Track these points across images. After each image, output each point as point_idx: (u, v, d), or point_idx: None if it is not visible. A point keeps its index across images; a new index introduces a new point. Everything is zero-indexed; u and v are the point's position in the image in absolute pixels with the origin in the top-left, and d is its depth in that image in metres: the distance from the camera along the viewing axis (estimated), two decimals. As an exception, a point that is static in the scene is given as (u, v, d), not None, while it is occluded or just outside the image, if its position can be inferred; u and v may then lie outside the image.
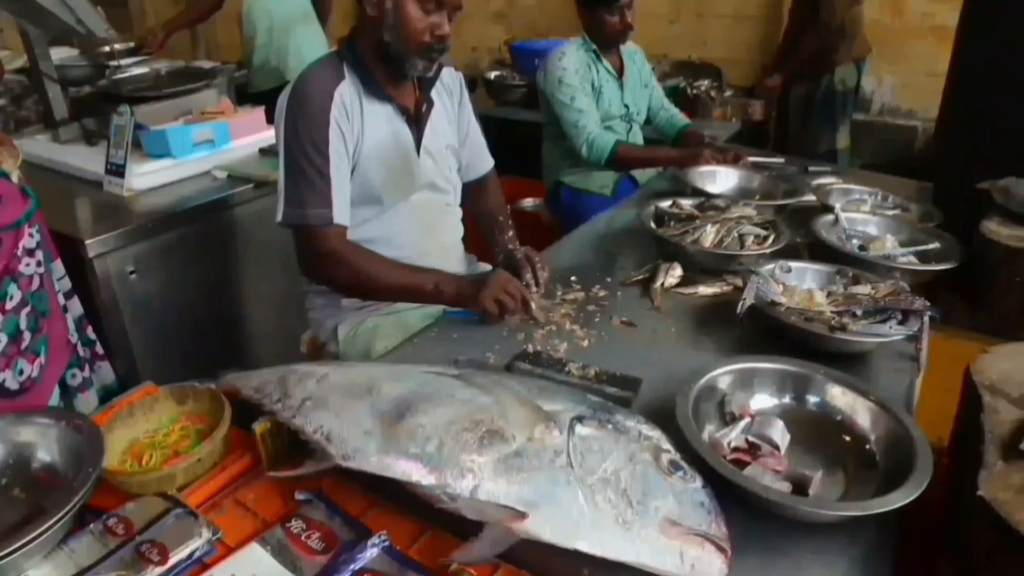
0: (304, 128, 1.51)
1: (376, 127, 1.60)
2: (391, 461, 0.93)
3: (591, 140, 2.54)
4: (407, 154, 1.67)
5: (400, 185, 1.67)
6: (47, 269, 1.51)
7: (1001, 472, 0.92)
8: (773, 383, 1.21)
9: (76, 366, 1.59)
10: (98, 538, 0.95)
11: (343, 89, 1.55)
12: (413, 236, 1.70)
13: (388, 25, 1.52)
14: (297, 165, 1.52)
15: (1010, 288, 1.66)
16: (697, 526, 0.87)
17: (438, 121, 1.73)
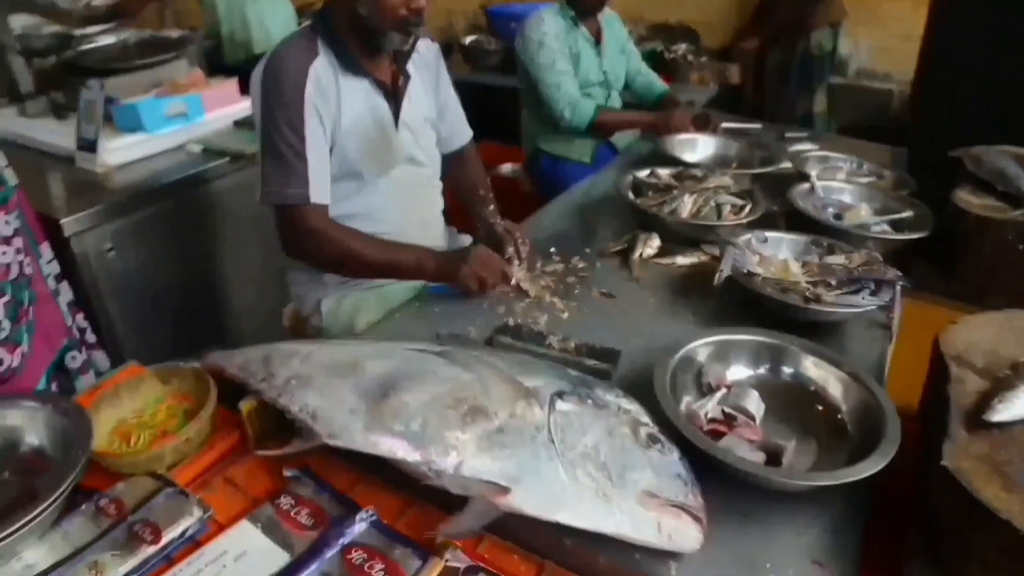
0: (279, 108, 1.49)
1: (353, 103, 1.59)
2: (377, 439, 0.95)
3: (573, 104, 2.54)
4: (386, 129, 1.66)
5: (380, 160, 1.66)
6: (33, 254, 1.50)
7: (964, 442, 0.95)
8: (749, 355, 1.24)
9: (74, 348, 1.58)
10: (91, 519, 0.97)
11: (318, 65, 1.53)
12: (394, 211, 1.70)
13: (365, 5, 1.50)
14: (274, 145, 1.51)
15: (979, 257, 1.69)
16: (674, 497, 0.90)
17: (416, 94, 1.72)
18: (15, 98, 2.42)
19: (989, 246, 1.68)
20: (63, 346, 1.59)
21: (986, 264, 1.69)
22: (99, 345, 1.69)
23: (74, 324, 1.64)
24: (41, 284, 1.53)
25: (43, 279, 1.54)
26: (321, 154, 1.55)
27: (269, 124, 1.52)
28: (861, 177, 2.22)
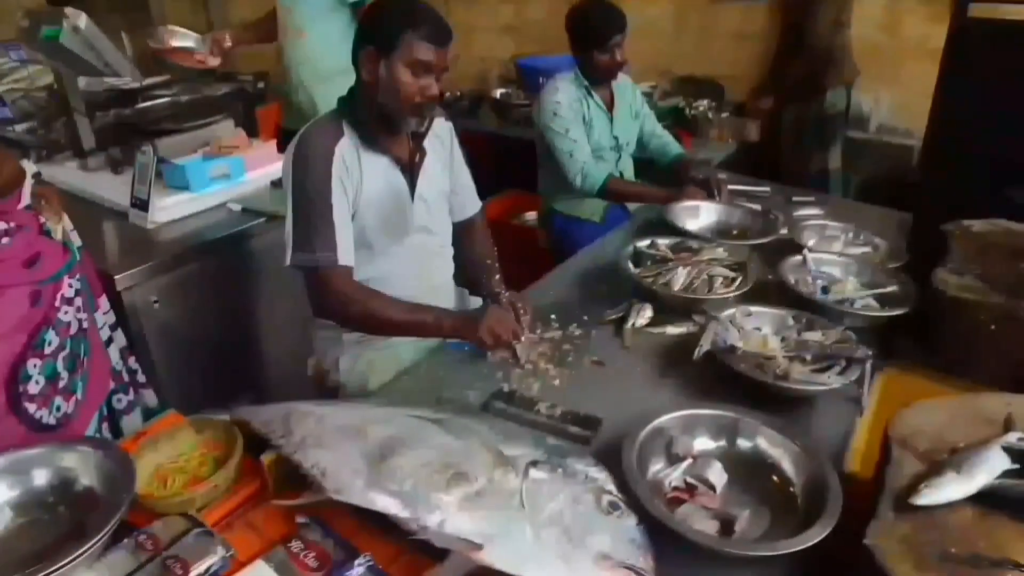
0: (309, 180, 1.68)
1: (374, 178, 1.77)
2: (375, 496, 1.11)
3: (584, 171, 2.69)
4: (402, 201, 1.83)
5: (395, 230, 1.84)
6: (90, 309, 1.70)
7: (890, 522, 1.07)
8: (714, 428, 1.38)
9: (122, 391, 1.79)
10: (131, 552, 1.13)
11: (343, 145, 1.71)
12: (407, 277, 1.87)
13: (382, 89, 1.68)
14: (304, 213, 1.69)
15: (956, 336, 1.78)
16: (626, 559, 1.04)
17: (431, 169, 1.89)
18: (78, 153, 2.67)
19: (964, 326, 1.76)
20: (111, 390, 1.78)
21: (962, 343, 1.78)
22: (148, 384, 1.89)
23: (124, 368, 1.83)
24: (96, 336, 1.73)
25: (97, 331, 1.74)
26: (346, 222, 1.73)
27: (299, 194, 1.70)
28: (856, 247, 2.34)
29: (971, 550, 1.02)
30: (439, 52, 1.67)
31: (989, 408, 1.33)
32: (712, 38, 4.74)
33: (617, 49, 2.69)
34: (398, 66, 1.65)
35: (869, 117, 4.48)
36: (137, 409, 1.86)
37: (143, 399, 1.89)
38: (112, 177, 2.60)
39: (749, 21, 4.56)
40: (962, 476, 1.11)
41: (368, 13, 1.74)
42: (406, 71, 1.65)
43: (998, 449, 1.16)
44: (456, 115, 4.51)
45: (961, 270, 1.90)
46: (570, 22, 2.77)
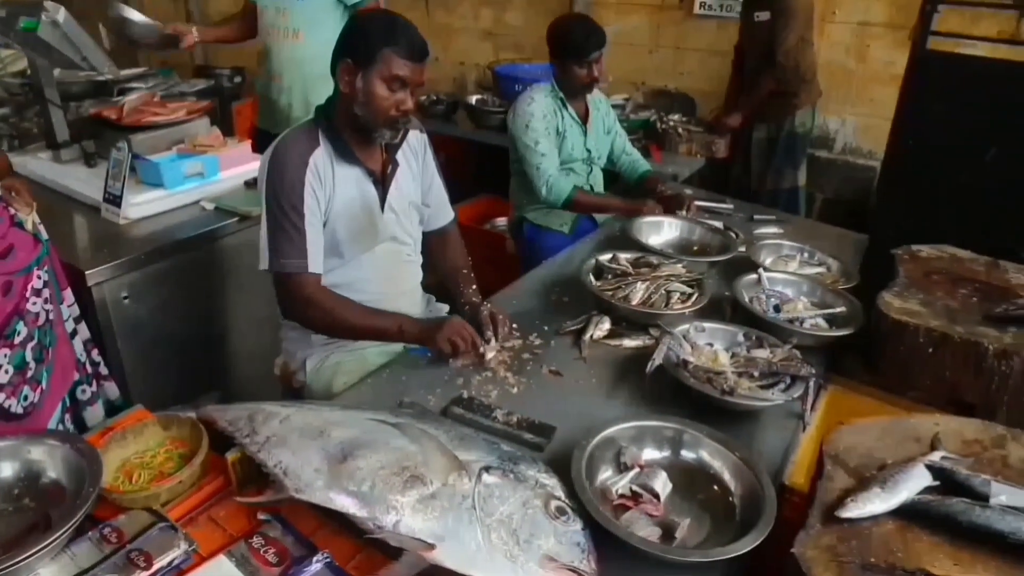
0: (283, 191, 1.73)
1: (346, 187, 1.82)
2: (334, 496, 1.17)
3: (550, 184, 2.76)
4: (372, 211, 1.89)
5: (365, 238, 1.89)
6: (56, 300, 1.74)
7: (817, 533, 1.15)
8: (662, 439, 1.46)
9: (85, 383, 1.82)
10: (95, 544, 1.18)
11: (317, 155, 1.77)
12: (375, 283, 1.93)
13: (359, 101, 1.74)
14: (277, 221, 1.75)
15: (895, 359, 1.87)
16: (570, 562, 1.11)
17: (403, 180, 1.95)
18: (51, 145, 2.68)
19: (904, 348, 1.86)
20: (75, 381, 1.82)
21: (901, 363, 1.87)
22: (111, 377, 1.92)
23: (88, 360, 1.86)
24: (61, 328, 1.76)
25: (63, 323, 1.78)
26: (317, 230, 1.78)
27: (273, 203, 1.75)
28: (811, 267, 2.44)
29: (889, 560, 1.11)
30: (415, 68, 1.72)
31: (919, 428, 1.41)
32: (686, 52, 4.85)
33: (595, 65, 2.76)
34: (375, 80, 1.71)
35: (835, 138, 4.62)
36: (100, 401, 1.89)
37: (105, 391, 1.92)
38: (85, 170, 2.62)
39: (723, 37, 4.66)
40: (886, 492, 1.19)
41: (348, 27, 1.79)
42: (382, 85, 1.71)
43: (922, 467, 1.24)
44: (432, 119, 4.61)
45: (905, 294, 2.00)
46: (552, 34, 2.82)
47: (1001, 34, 3.76)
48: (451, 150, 4.65)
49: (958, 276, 2.13)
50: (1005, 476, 1.27)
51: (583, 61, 2.74)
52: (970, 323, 1.82)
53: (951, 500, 1.18)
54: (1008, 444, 1.37)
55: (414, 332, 1.79)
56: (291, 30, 3.00)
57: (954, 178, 2.72)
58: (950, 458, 1.30)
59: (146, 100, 2.77)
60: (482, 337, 1.79)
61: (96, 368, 1.92)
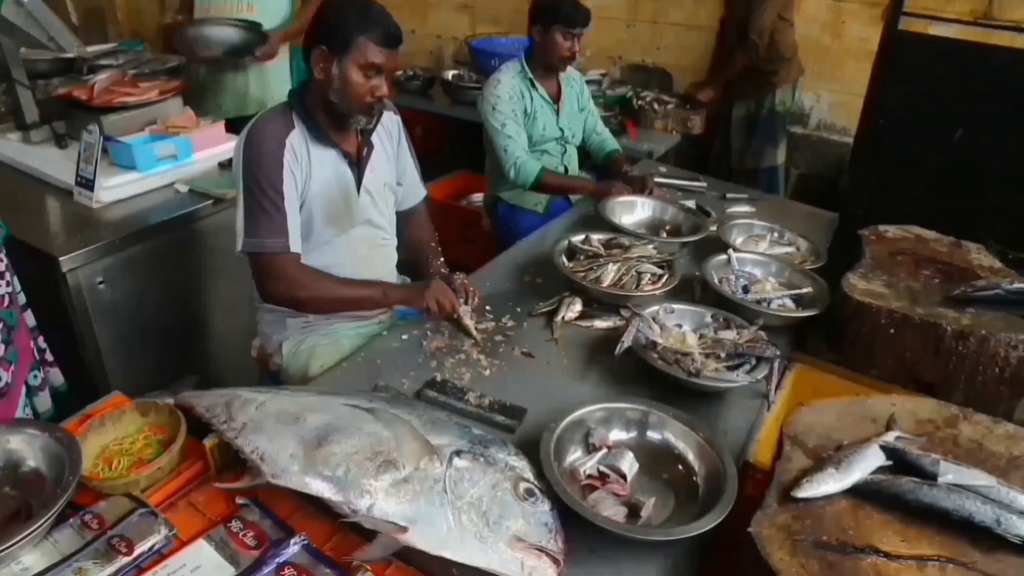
0: (261, 171, 1.74)
1: (322, 170, 1.84)
2: (309, 480, 1.21)
3: (518, 166, 2.77)
4: (348, 193, 1.91)
5: (341, 221, 1.91)
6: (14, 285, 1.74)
7: (773, 512, 1.20)
8: (628, 420, 1.50)
9: (37, 368, 1.83)
10: (77, 531, 1.21)
11: (293, 138, 1.78)
12: (350, 266, 1.94)
13: (334, 88, 1.75)
14: (256, 201, 1.75)
15: (857, 339, 1.93)
16: (538, 541, 1.15)
17: (378, 162, 1.97)
18: (20, 126, 2.64)
19: (866, 328, 1.91)
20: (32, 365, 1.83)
21: (864, 343, 1.93)
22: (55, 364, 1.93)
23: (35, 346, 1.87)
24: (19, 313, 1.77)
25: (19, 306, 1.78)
26: (295, 211, 1.80)
27: (252, 184, 1.75)
28: (780, 247, 2.49)
29: (841, 538, 1.16)
30: (390, 54, 1.74)
31: (876, 408, 1.47)
32: (664, 27, 4.85)
33: (578, 39, 2.77)
34: (350, 67, 1.72)
35: (810, 114, 4.66)
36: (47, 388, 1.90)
37: (50, 379, 1.94)
38: (57, 152, 2.59)
39: (700, 11, 4.67)
40: (840, 472, 1.25)
41: (321, 13, 1.79)
42: (358, 72, 1.72)
43: (876, 448, 1.30)
44: (408, 95, 4.59)
45: (870, 275, 2.05)
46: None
47: (974, 14, 3.81)
48: (427, 126, 4.65)
49: (922, 256, 2.19)
50: (955, 455, 1.33)
51: (569, 32, 2.74)
52: (930, 304, 1.88)
53: (901, 480, 1.23)
54: (960, 424, 1.43)
55: (399, 295, 1.88)
56: (244, 3, 2.97)
57: (923, 158, 2.75)
58: (904, 438, 1.35)
59: (117, 80, 2.73)
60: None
61: (43, 355, 1.93)
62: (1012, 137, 2.51)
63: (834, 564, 1.11)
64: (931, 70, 2.72)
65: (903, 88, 2.78)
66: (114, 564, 1.15)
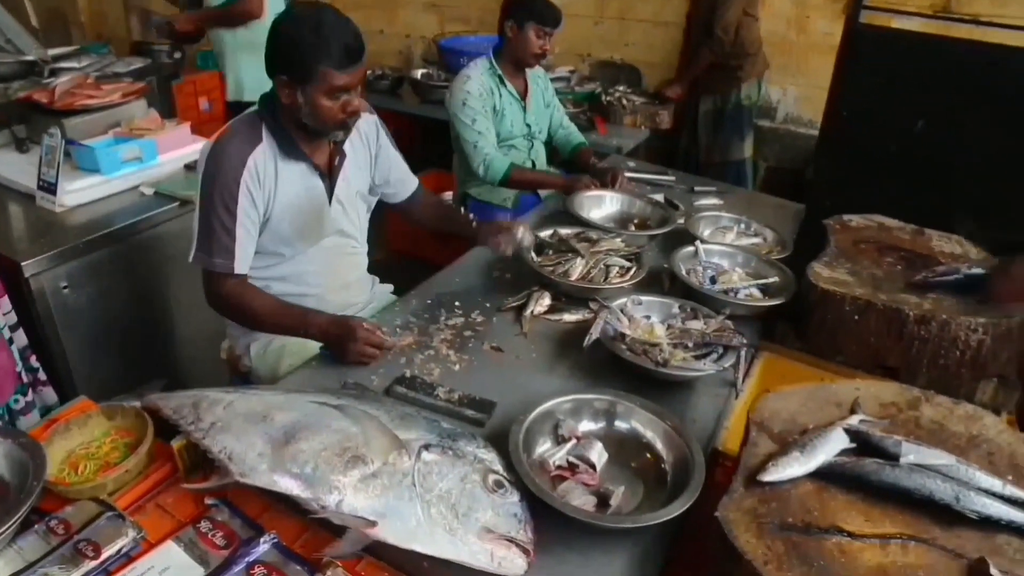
0: (217, 190, 1.70)
1: (290, 184, 1.80)
2: (278, 478, 1.20)
3: (487, 162, 2.77)
4: (318, 205, 1.88)
5: (311, 233, 1.89)
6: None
7: (739, 496, 1.22)
8: (597, 411, 1.51)
9: (20, 392, 1.80)
10: (42, 537, 1.20)
11: (258, 154, 1.73)
12: (319, 275, 1.93)
13: (303, 112, 1.70)
14: (208, 219, 1.72)
15: (822, 327, 1.96)
16: (507, 532, 1.16)
17: (351, 171, 1.93)
18: (-21, 130, 2.61)
19: (831, 315, 1.94)
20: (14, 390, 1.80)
21: (829, 330, 1.96)
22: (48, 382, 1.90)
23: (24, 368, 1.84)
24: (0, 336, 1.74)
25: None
26: (248, 231, 1.76)
27: (206, 199, 1.73)
28: (747, 238, 2.52)
29: (806, 520, 1.18)
30: (354, 72, 1.68)
31: (840, 393, 1.49)
32: (631, 23, 4.88)
33: (549, 38, 2.78)
34: (315, 95, 1.66)
35: (777, 108, 4.72)
36: (35, 410, 1.87)
37: (43, 397, 1.91)
38: (17, 156, 2.56)
39: (667, 8, 4.71)
40: (804, 455, 1.26)
41: (275, 39, 1.68)
42: (324, 98, 1.67)
43: (840, 431, 1.32)
44: (377, 94, 4.58)
45: (834, 264, 2.08)
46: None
47: (934, 7, 3.88)
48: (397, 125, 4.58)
49: (885, 244, 2.23)
50: (917, 436, 1.35)
51: (543, 30, 2.76)
52: (893, 290, 1.92)
53: (864, 461, 1.26)
54: (922, 406, 1.46)
55: (318, 336, 1.77)
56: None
57: (886, 149, 2.80)
58: (867, 421, 1.38)
59: (79, 82, 2.70)
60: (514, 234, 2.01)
61: (35, 375, 1.90)
62: (971, 127, 2.57)
63: (799, 545, 1.12)
64: (892, 62, 2.77)
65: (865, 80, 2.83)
66: (81, 568, 1.14)
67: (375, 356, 1.72)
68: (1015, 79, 2.47)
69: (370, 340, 1.71)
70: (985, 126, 2.53)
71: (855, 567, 1.09)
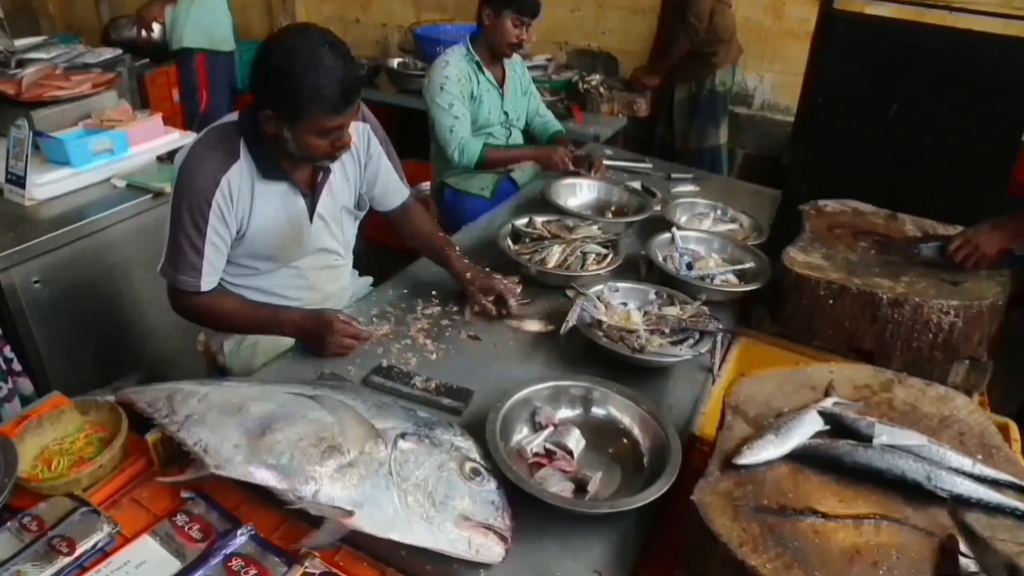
0: (186, 207, 1.63)
1: (267, 204, 1.72)
2: (253, 470, 1.20)
3: (462, 146, 2.76)
4: (299, 224, 1.80)
5: (290, 252, 1.83)
6: None
7: (715, 480, 1.23)
8: (574, 397, 1.52)
9: (1, 379, 1.78)
10: (15, 535, 1.19)
11: (233, 172, 1.64)
12: (298, 290, 1.90)
13: (289, 145, 1.61)
14: (176, 235, 1.66)
15: (798, 311, 1.97)
16: (484, 520, 1.16)
17: (336, 185, 1.85)
18: (-57, 123, 2.55)
19: (806, 300, 1.96)
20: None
21: (804, 315, 1.97)
22: (24, 373, 1.88)
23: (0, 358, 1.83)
24: None
25: None
26: (218, 247, 1.69)
27: (176, 216, 1.65)
28: (723, 224, 2.53)
29: (780, 502, 1.19)
30: (348, 113, 1.59)
31: (815, 376, 1.50)
32: (608, 10, 4.87)
33: (527, 28, 2.76)
34: (304, 134, 1.58)
35: (754, 95, 4.73)
36: (16, 398, 1.85)
37: (19, 388, 1.89)
38: (-16, 150, 2.51)
39: (641, -3, 4.71)
40: (779, 439, 1.27)
41: (264, 70, 1.56)
42: (314, 137, 1.59)
43: (814, 414, 1.33)
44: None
45: (809, 248, 2.10)
46: None
47: (907, -9, 3.89)
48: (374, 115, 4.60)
49: (859, 229, 2.25)
50: (890, 417, 1.37)
51: (520, 19, 2.74)
52: (867, 274, 1.93)
53: (838, 443, 1.27)
54: (895, 388, 1.47)
55: (292, 333, 1.74)
56: None
57: (860, 134, 2.83)
58: (841, 403, 1.39)
59: (47, 73, 2.65)
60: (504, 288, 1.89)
61: (9, 365, 1.88)
62: (944, 112, 2.60)
63: (774, 527, 1.13)
64: (866, 48, 2.79)
65: (840, 66, 2.85)
66: (55, 565, 1.14)
67: (352, 347, 1.71)
68: (986, 65, 2.50)
69: (347, 332, 1.69)
70: (956, 110, 2.56)
71: (829, 547, 1.10)
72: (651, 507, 1.29)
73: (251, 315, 1.76)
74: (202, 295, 1.72)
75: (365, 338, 1.73)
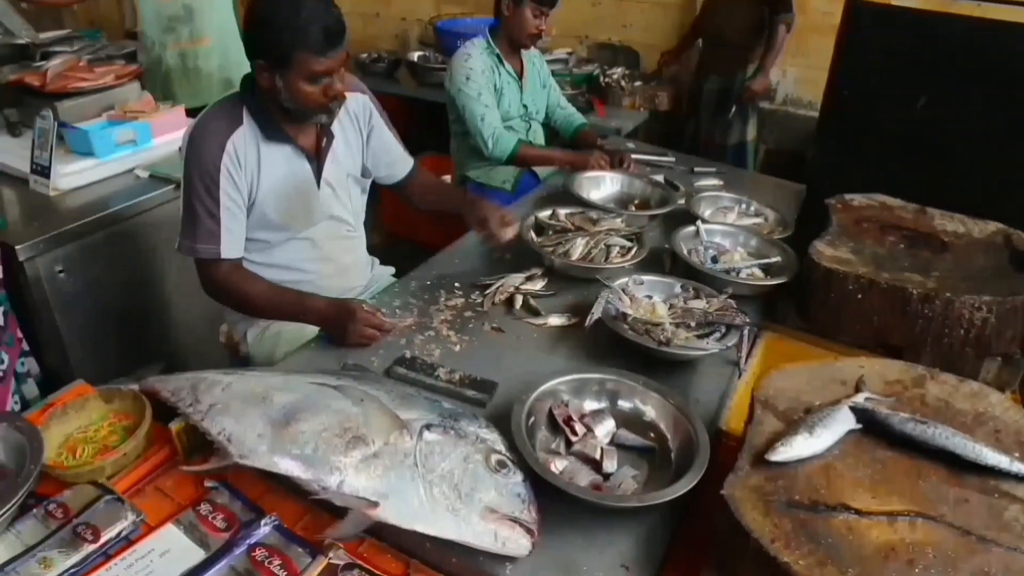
0: (197, 174, 1.67)
1: (274, 167, 1.76)
2: (278, 460, 1.19)
3: (496, 137, 2.75)
4: (307, 189, 1.83)
5: (300, 218, 1.85)
6: None
7: (745, 475, 1.21)
8: (600, 390, 1.50)
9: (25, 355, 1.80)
10: (41, 521, 1.18)
11: (238, 136, 1.69)
12: (314, 262, 1.90)
13: (283, 97, 1.66)
14: (191, 205, 1.69)
15: (825, 305, 1.94)
16: (511, 512, 1.15)
17: (340, 152, 1.89)
18: (-28, 114, 2.58)
19: (834, 294, 1.92)
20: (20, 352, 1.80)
21: (832, 309, 1.94)
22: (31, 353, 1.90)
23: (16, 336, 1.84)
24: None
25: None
26: (234, 214, 1.73)
27: (188, 186, 1.70)
28: (748, 218, 2.50)
29: (813, 498, 1.17)
30: (334, 56, 1.62)
31: (845, 371, 1.48)
32: (630, 4, 4.84)
33: (546, 18, 2.75)
34: (294, 80, 1.62)
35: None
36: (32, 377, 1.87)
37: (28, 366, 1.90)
38: (10, 140, 2.53)
39: (667, -11, 4.67)
40: (813, 437, 1.25)
41: (252, 23, 1.63)
42: (304, 83, 1.62)
43: (846, 410, 1.30)
44: (373, 77, 4.54)
45: (836, 242, 2.06)
46: None
47: (933, -17, 3.83)
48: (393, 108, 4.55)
49: (887, 223, 2.21)
50: (923, 414, 1.33)
51: (539, 9, 2.73)
52: (896, 269, 1.90)
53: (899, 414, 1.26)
54: (927, 383, 1.44)
55: (316, 321, 1.75)
56: None
57: (887, 127, 2.78)
58: (873, 399, 1.36)
59: (71, 65, 2.66)
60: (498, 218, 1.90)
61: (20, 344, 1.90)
62: (973, 104, 2.54)
63: (806, 523, 1.11)
64: (893, 40, 2.75)
65: (866, 58, 2.80)
66: (80, 552, 1.13)
67: (375, 338, 1.70)
68: (1016, 55, 2.45)
69: (370, 322, 1.69)
70: (987, 103, 2.51)
71: (863, 544, 1.07)
72: (679, 502, 1.27)
73: (277, 298, 1.77)
74: (230, 270, 1.74)
75: (388, 329, 1.72)
